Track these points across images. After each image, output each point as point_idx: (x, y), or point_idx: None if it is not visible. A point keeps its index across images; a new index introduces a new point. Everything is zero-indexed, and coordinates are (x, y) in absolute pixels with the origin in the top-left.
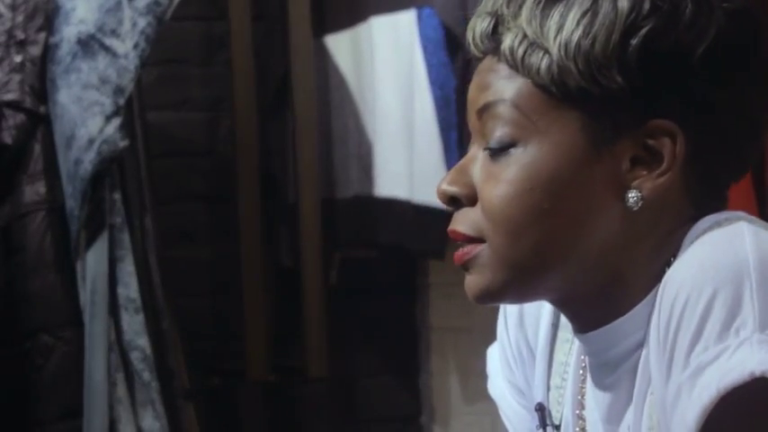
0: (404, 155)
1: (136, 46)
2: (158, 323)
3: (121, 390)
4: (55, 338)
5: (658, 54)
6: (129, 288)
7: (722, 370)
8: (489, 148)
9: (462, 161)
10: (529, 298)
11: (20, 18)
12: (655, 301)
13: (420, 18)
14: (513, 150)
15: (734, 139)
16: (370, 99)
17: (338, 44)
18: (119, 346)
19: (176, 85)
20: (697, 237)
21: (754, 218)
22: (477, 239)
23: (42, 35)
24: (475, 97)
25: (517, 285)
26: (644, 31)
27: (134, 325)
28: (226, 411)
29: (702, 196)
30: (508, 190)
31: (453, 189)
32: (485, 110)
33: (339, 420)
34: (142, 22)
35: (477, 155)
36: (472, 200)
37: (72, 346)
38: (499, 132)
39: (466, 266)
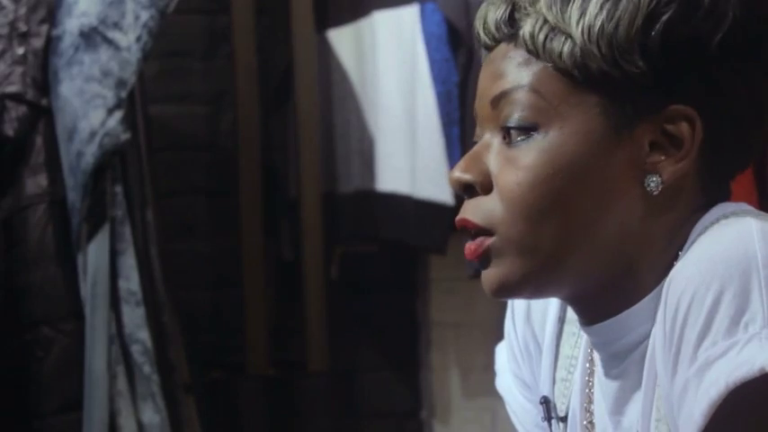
0: (406, 150)
1: (138, 39)
2: (159, 316)
3: (122, 382)
4: (56, 331)
5: (678, 40)
6: (130, 281)
7: (731, 365)
8: (506, 133)
9: (475, 148)
10: (546, 291)
11: (22, 10)
12: (660, 293)
13: (423, 13)
14: (532, 135)
15: (745, 126)
16: (372, 94)
17: (341, 39)
18: (119, 339)
19: (178, 79)
20: (704, 229)
21: (759, 212)
22: (487, 230)
23: (45, 27)
24: (488, 86)
25: (537, 276)
26: (665, 17)
27: (135, 318)
28: (226, 404)
29: (712, 183)
30: (528, 176)
31: (468, 176)
32: (502, 97)
33: (338, 415)
34: (145, 15)
35: (490, 142)
36: (487, 188)
37: (73, 338)
38: (518, 116)
39: (481, 260)
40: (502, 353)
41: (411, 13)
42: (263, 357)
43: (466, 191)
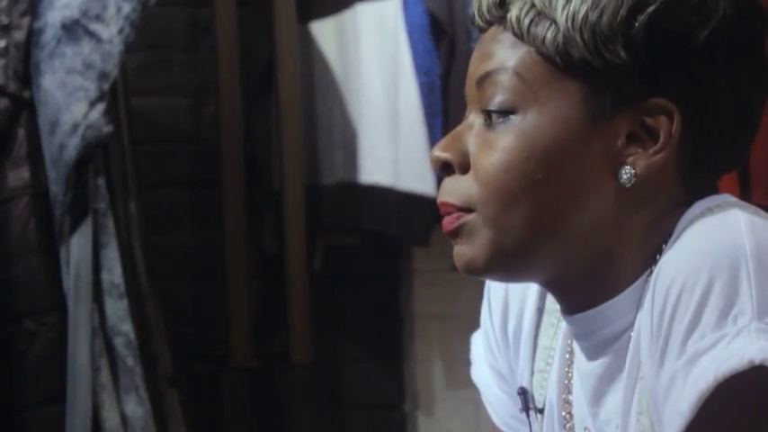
0: (388, 141)
1: (120, 31)
2: (142, 309)
3: (105, 375)
4: (38, 324)
5: (663, 33)
6: (113, 273)
7: (720, 357)
8: (487, 115)
9: (457, 128)
10: (517, 274)
11: (4, 2)
12: (645, 285)
13: (405, 5)
14: (511, 118)
15: (730, 125)
16: (355, 85)
17: (323, 31)
18: (102, 332)
19: (161, 71)
20: (690, 222)
21: (745, 203)
22: (467, 210)
23: (27, 20)
24: (476, 66)
25: (507, 256)
26: (651, 8)
27: (118, 310)
28: (209, 397)
29: (694, 181)
30: (503, 158)
31: (446, 155)
32: (486, 77)
33: (322, 407)
34: (127, 8)
35: (473, 123)
36: (464, 167)
37: (55, 331)
38: (499, 99)
39: (455, 235)
40: (478, 342)
41: (393, 5)
42: (246, 349)
43: (444, 169)
